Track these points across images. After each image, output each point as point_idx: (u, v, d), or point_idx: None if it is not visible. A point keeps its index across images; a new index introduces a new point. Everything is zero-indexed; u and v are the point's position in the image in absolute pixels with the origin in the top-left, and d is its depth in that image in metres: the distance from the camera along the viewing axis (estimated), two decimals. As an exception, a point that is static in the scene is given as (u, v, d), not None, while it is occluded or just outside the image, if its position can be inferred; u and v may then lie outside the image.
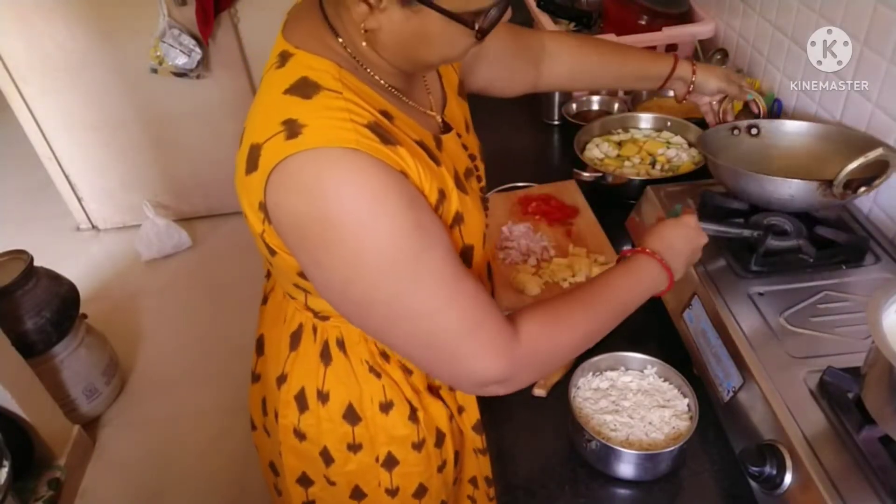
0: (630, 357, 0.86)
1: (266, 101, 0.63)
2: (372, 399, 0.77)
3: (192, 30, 2.44)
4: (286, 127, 0.58)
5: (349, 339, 0.76)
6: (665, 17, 1.50)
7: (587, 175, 1.22)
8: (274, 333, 0.82)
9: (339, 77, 0.61)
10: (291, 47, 0.64)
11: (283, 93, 0.60)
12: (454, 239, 0.68)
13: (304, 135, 0.57)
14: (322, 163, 0.56)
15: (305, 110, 0.58)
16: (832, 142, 0.99)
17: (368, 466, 0.80)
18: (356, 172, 0.57)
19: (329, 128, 0.57)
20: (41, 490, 1.77)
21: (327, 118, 0.58)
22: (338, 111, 0.59)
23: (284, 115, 0.58)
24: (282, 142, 0.57)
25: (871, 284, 0.87)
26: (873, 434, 0.66)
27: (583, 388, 0.84)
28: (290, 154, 0.56)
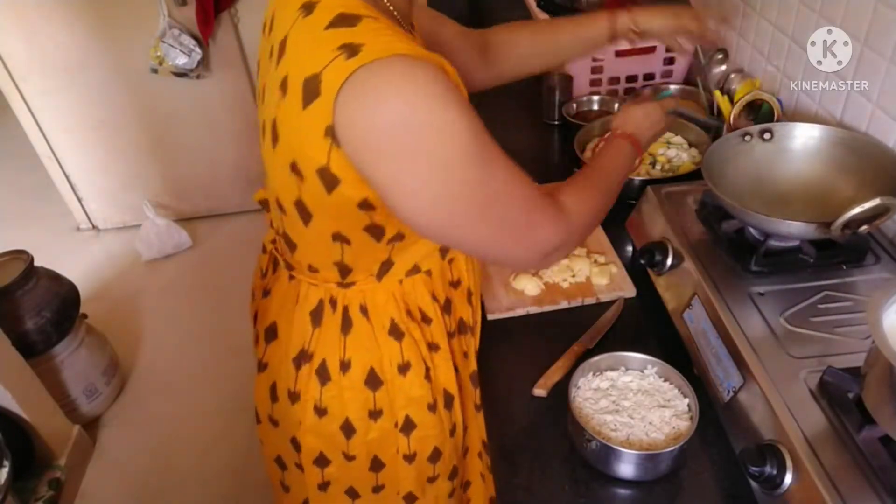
0: (630, 357, 0.86)
1: (307, 40, 0.63)
2: (391, 361, 0.79)
3: (193, 30, 2.44)
4: (343, 49, 0.59)
5: (373, 303, 0.78)
6: (665, 17, 1.50)
7: (587, 175, 1.22)
8: (291, 316, 0.82)
9: (368, 8, 0.64)
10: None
11: (326, 28, 0.61)
12: None
13: (364, 51, 0.58)
14: (391, 70, 0.58)
15: (356, 34, 0.60)
16: (846, 146, 0.99)
17: (388, 433, 0.82)
18: (422, 75, 0.59)
19: (384, 42, 0.59)
20: (41, 490, 1.77)
21: (381, 35, 0.60)
22: (384, 30, 0.61)
23: (337, 43, 0.59)
24: (343, 62, 0.58)
25: (872, 284, 0.87)
26: (873, 434, 0.66)
27: (583, 388, 0.84)
28: (356, 69, 0.57)
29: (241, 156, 2.83)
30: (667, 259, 0.97)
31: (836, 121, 1.10)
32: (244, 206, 2.97)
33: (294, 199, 0.68)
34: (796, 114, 1.21)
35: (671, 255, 0.97)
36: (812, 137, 1.01)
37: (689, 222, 1.01)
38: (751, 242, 0.94)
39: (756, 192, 1.00)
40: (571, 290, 1.06)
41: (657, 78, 1.57)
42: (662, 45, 1.50)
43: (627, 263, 1.11)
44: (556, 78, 1.53)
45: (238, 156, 2.83)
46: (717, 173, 0.97)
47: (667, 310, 0.97)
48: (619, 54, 1.51)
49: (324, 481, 0.86)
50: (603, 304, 1.04)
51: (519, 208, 0.68)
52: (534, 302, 1.04)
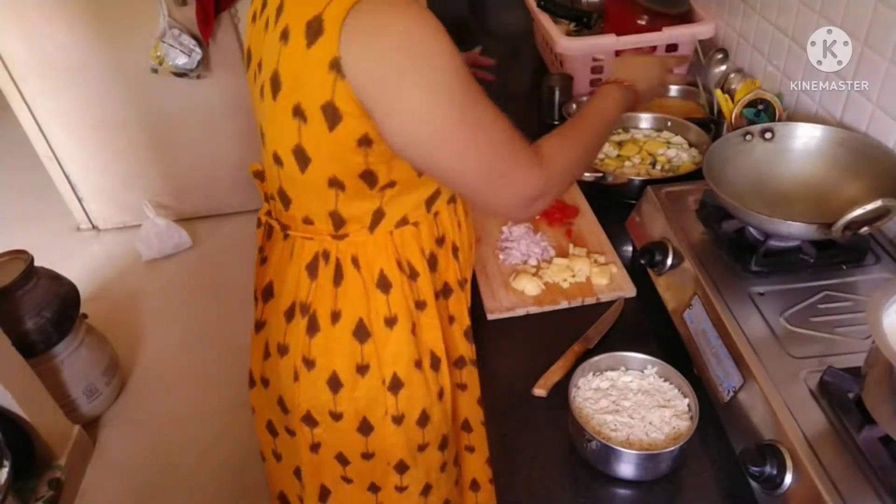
0: (630, 357, 0.86)
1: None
2: (378, 313, 0.80)
3: (193, 30, 2.44)
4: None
5: (364, 255, 0.79)
6: (665, 17, 1.50)
7: (588, 175, 1.22)
8: (285, 273, 0.84)
9: None
10: None
11: None
12: None
13: None
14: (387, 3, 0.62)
15: None
16: (847, 147, 0.99)
17: (376, 390, 0.83)
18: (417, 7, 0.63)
19: None
20: (41, 490, 1.77)
21: None
22: None
23: None
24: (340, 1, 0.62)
25: (872, 284, 0.87)
26: (873, 434, 0.66)
27: (583, 388, 0.84)
28: (352, 6, 0.61)
29: (241, 156, 2.83)
30: (667, 259, 0.97)
31: (836, 121, 1.10)
32: (244, 206, 2.97)
33: (293, 146, 0.71)
34: (796, 114, 1.21)
35: (671, 255, 0.97)
36: (813, 137, 1.01)
37: (689, 222, 1.01)
38: (751, 242, 0.94)
39: (756, 192, 1.00)
40: (571, 290, 1.06)
41: (657, 78, 1.57)
42: (663, 45, 1.50)
43: (627, 263, 1.11)
44: (556, 78, 1.53)
45: (238, 156, 2.83)
46: (717, 173, 0.97)
47: (667, 310, 0.97)
48: (619, 54, 1.51)
49: (314, 442, 0.87)
50: (603, 304, 1.04)
51: (501, 145, 0.71)
52: (534, 302, 1.04)
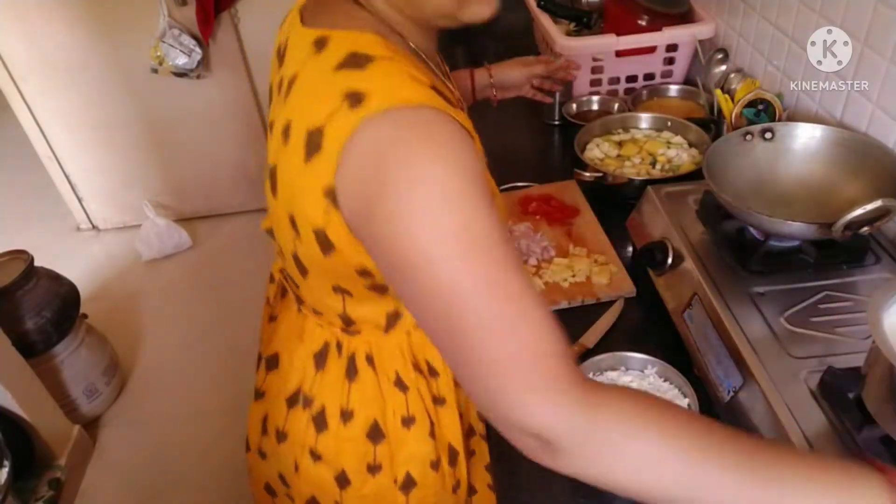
0: (630, 357, 0.86)
1: (314, 82, 0.58)
2: (395, 413, 0.75)
3: (193, 30, 2.44)
4: (349, 98, 0.53)
5: (380, 354, 0.74)
6: (665, 17, 1.50)
7: (588, 175, 1.22)
8: (294, 352, 0.78)
9: (386, 45, 0.57)
10: (323, 30, 0.59)
11: (334, 70, 0.55)
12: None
13: (370, 99, 0.52)
14: (397, 122, 0.51)
15: (364, 78, 0.54)
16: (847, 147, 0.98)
17: (386, 489, 0.77)
18: (434, 130, 0.52)
19: (395, 88, 0.53)
20: (41, 490, 1.77)
21: (390, 80, 0.54)
22: (398, 74, 0.54)
23: (343, 90, 0.53)
24: (347, 112, 0.52)
25: (872, 284, 0.87)
26: (874, 434, 0.66)
27: None
28: (361, 121, 0.51)
29: (241, 156, 2.83)
30: (667, 259, 0.97)
31: (836, 121, 1.10)
32: (244, 206, 2.97)
33: (291, 252, 0.65)
34: (796, 114, 1.21)
35: (671, 255, 0.97)
36: (813, 137, 1.01)
37: (689, 222, 1.01)
38: (751, 242, 0.94)
39: (757, 192, 1.00)
40: (571, 289, 1.06)
41: (657, 78, 1.57)
42: (663, 45, 1.50)
43: (627, 263, 1.11)
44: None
45: (238, 156, 2.83)
46: (717, 173, 0.97)
47: (667, 310, 0.97)
48: (620, 54, 1.51)
49: None
50: (603, 303, 1.04)
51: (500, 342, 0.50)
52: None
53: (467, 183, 0.51)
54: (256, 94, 2.68)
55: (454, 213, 0.50)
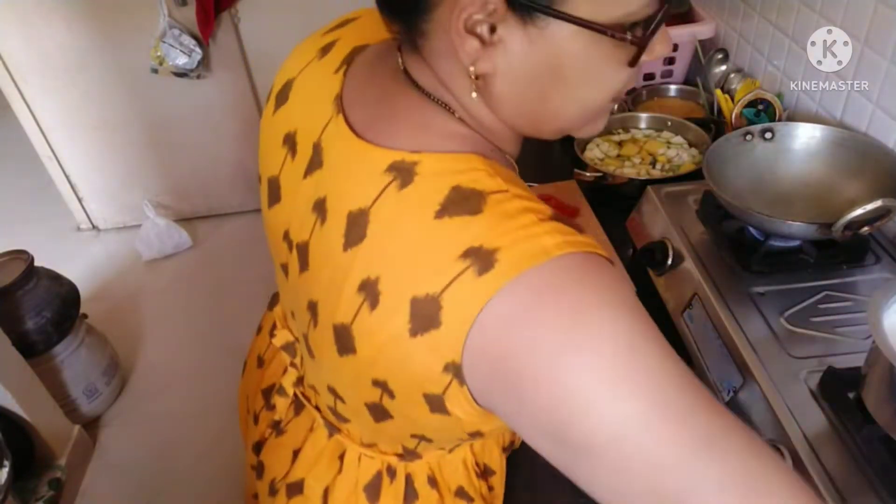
0: None
1: (411, 237, 0.46)
2: None
3: (193, 30, 2.44)
4: (472, 259, 0.43)
5: (441, 473, 0.67)
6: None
7: (588, 175, 1.22)
8: (330, 483, 0.67)
9: (492, 171, 0.47)
10: (406, 153, 0.48)
11: (436, 217, 0.45)
12: None
13: (500, 261, 0.42)
14: (537, 286, 0.42)
15: (483, 229, 0.43)
16: (847, 147, 0.98)
17: None
18: (580, 279, 0.43)
19: (526, 239, 0.43)
20: (42, 490, 1.77)
21: (516, 228, 0.43)
22: (520, 214, 0.44)
23: (460, 247, 0.43)
24: (474, 280, 0.42)
25: (872, 284, 0.87)
26: (874, 434, 0.66)
27: None
28: (496, 291, 0.42)
29: (242, 156, 2.83)
30: (667, 259, 0.97)
31: (836, 121, 1.10)
32: (244, 206, 2.97)
33: (364, 402, 0.53)
34: (796, 114, 1.21)
35: (671, 255, 0.97)
36: (813, 137, 1.01)
37: (689, 222, 1.01)
38: (751, 242, 0.94)
39: (757, 192, 1.00)
40: (572, 290, 1.06)
41: (657, 78, 1.57)
42: (663, 45, 1.50)
43: (627, 263, 1.11)
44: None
45: (238, 156, 2.83)
46: (717, 173, 0.97)
47: (667, 310, 0.97)
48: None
49: None
50: (603, 304, 1.04)
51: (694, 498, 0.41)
52: None
53: (643, 329, 0.44)
54: (256, 94, 2.67)
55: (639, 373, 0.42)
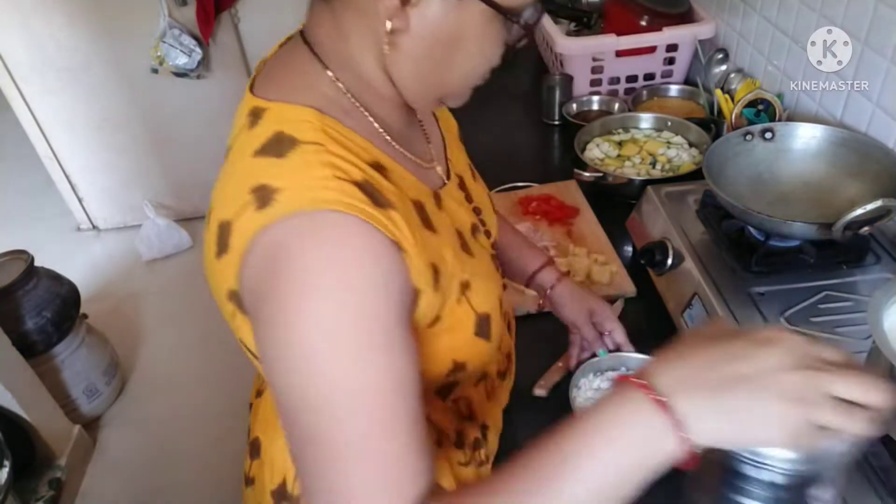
0: (631, 357, 0.86)
1: (235, 168, 0.53)
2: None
3: (193, 30, 2.44)
4: (256, 195, 0.49)
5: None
6: (665, 17, 1.50)
7: (588, 175, 1.22)
8: (273, 444, 0.73)
9: (321, 126, 0.52)
10: (263, 101, 0.55)
11: (254, 155, 0.51)
12: (463, 310, 0.60)
13: (277, 201, 0.48)
14: (297, 230, 0.47)
15: (279, 171, 0.50)
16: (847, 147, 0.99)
17: None
18: (336, 239, 0.47)
19: (308, 188, 0.48)
20: (42, 490, 1.77)
21: (306, 177, 0.49)
22: (319, 167, 0.49)
23: (255, 182, 0.49)
24: (252, 213, 0.48)
25: (872, 284, 0.87)
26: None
27: (584, 389, 0.84)
28: (263, 226, 0.48)
29: (242, 156, 2.83)
30: (667, 259, 0.97)
31: (836, 121, 1.10)
32: (244, 206, 2.97)
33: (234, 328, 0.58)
34: (796, 114, 1.21)
35: (671, 255, 0.97)
36: (813, 137, 1.01)
37: (689, 222, 1.01)
38: (751, 242, 0.94)
39: (757, 192, 1.00)
40: (572, 290, 1.06)
41: (658, 78, 1.57)
42: (663, 45, 1.50)
43: (627, 263, 1.11)
44: (557, 78, 1.53)
45: (238, 156, 2.83)
46: (717, 173, 0.97)
47: (667, 310, 0.97)
48: (620, 54, 1.51)
49: None
50: (603, 304, 1.04)
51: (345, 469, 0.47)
52: (535, 302, 1.04)
53: (357, 319, 0.47)
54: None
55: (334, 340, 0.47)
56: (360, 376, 0.47)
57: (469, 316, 0.61)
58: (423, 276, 0.53)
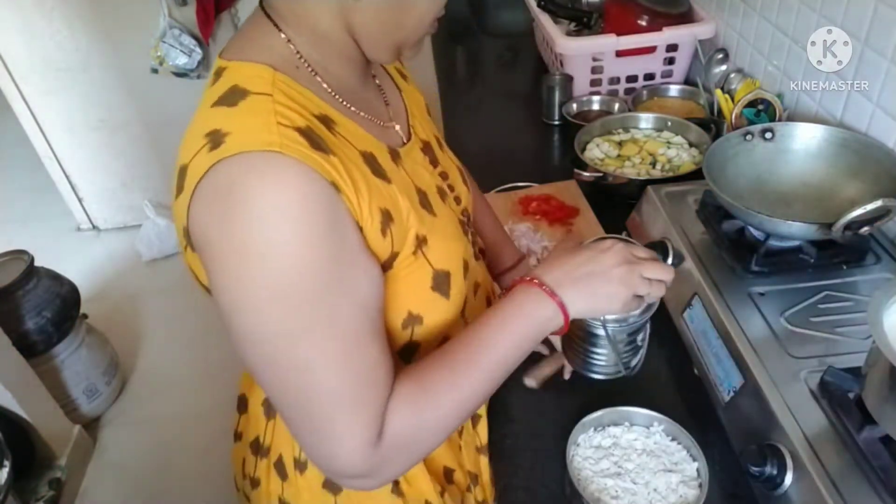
0: (635, 412, 0.80)
1: (195, 120, 0.58)
2: None
3: (193, 30, 2.44)
4: (209, 139, 0.53)
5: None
6: (665, 17, 1.50)
7: (588, 175, 1.22)
8: (251, 397, 0.79)
9: (272, 80, 0.57)
10: (225, 62, 0.60)
11: (211, 106, 0.56)
12: (419, 264, 0.64)
13: (225, 143, 0.52)
14: (239, 167, 0.51)
15: (229, 118, 0.54)
16: (847, 147, 0.98)
17: None
18: (274, 178, 0.51)
19: (251, 131, 0.53)
20: (42, 490, 1.77)
21: (253, 121, 0.54)
22: (264, 114, 0.54)
23: (209, 128, 0.54)
24: (204, 154, 0.53)
25: (872, 284, 0.87)
26: (874, 434, 0.66)
27: (583, 446, 0.78)
28: (211, 165, 0.52)
29: (242, 156, 2.84)
30: (667, 259, 0.97)
31: (836, 121, 1.10)
32: (244, 206, 2.97)
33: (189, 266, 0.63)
34: (796, 114, 1.21)
35: (672, 255, 0.97)
36: (814, 137, 1.01)
37: (689, 222, 1.01)
38: (751, 242, 0.94)
39: (757, 192, 1.00)
40: (572, 290, 1.06)
41: (657, 78, 1.57)
42: (663, 45, 1.50)
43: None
44: (556, 78, 1.53)
45: (238, 156, 2.84)
46: (717, 173, 0.97)
47: (667, 310, 0.97)
48: (620, 54, 1.51)
49: None
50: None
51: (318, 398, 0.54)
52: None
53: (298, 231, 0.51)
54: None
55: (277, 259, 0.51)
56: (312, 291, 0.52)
57: (425, 270, 0.64)
58: (368, 218, 0.57)
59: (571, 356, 0.78)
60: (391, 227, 0.59)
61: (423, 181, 0.69)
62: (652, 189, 1.09)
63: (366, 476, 0.57)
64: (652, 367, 0.93)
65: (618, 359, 0.73)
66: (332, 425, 0.55)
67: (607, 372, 0.75)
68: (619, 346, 0.72)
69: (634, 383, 0.81)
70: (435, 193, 0.69)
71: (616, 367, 0.75)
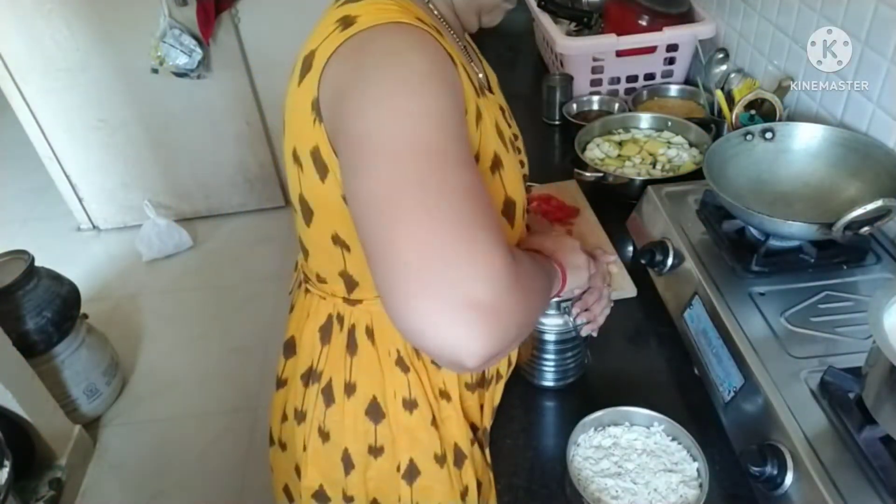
0: (635, 412, 0.80)
1: (321, 20, 0.63)
2: (395, 394, 0.74)
3: (193, 30, 2.44)
4: (340, 23, 0.58)
5: (379, 326, 0.73)
6: (665, 17, 1.50)
7: (588, 175, 1.22)
8: (304, 332, 0.79)
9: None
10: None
11: (336, 7, 0.62)
12: (496, 186, 0.67)
13: (358, 21, 0.57)
14: (380, 32, 0.56)
15: (356, 7, 0.59)
16: (847, 147, 0.98)
17: (388, 475, 0.76)
18: (406, 40, 0.56)
19: (384, 12, 0.58)
20: (42, 490, 1.77)
21: (380, 9, 0.59)
22: (390, 3, 0.60)
23: (338, 17, 0.59)
24: (337, 34, 0.57)
25: (873, 284, 0.87)
26: (874, 434, 0.66)
27: (583, 446, 0.78)
28: (345, 38, 0.56)
29: (241, 156, 2.83)
30: (667, 259, 0.97)
31: (836, 121, 1.10)
32: (244, 206, 2.97)
33: (298, 194, 0.67)
34: (797, 114, 1.21)
35: (672, 255, 0.97)
36: (814, 137, 1.01)
37: (689, 222, 1.01)
38: (752, 242, 0.94)
39: (757, 192, 1.00)
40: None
41: (658, 78, 1.57)
42: (663, 45, 1.50)
43: (628, 263, 1.11)
44: (556, 78, 1.53)
45: (238, 156, 2.83)
46: (718, 173, 0.97)
47: (667, 310, 0.97)
48: (620, 54, 1.51)
49: None
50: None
51: (467, 217, 0.49)
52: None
53: (426, 94, 0.53)
54: (256, 94, 2.68)
55: (417, 100, 0.52)
56: (450, 144, 0.52)
57: (500, 192, 0.68)
58: (470, 103, 0.61)
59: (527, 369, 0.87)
60: (480, 125, 0.63)
61: (503, 125, 0.73)
62: (652, 189, 1.09)
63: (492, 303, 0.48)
64: (652, 367, 0.93)
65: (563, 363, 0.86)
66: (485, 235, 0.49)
67: (555, 379, 0.86)
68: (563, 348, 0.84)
69: (635, 383, 0.81)
70: (510, 140, 0.73)
71: (563, 373, 0.86)
